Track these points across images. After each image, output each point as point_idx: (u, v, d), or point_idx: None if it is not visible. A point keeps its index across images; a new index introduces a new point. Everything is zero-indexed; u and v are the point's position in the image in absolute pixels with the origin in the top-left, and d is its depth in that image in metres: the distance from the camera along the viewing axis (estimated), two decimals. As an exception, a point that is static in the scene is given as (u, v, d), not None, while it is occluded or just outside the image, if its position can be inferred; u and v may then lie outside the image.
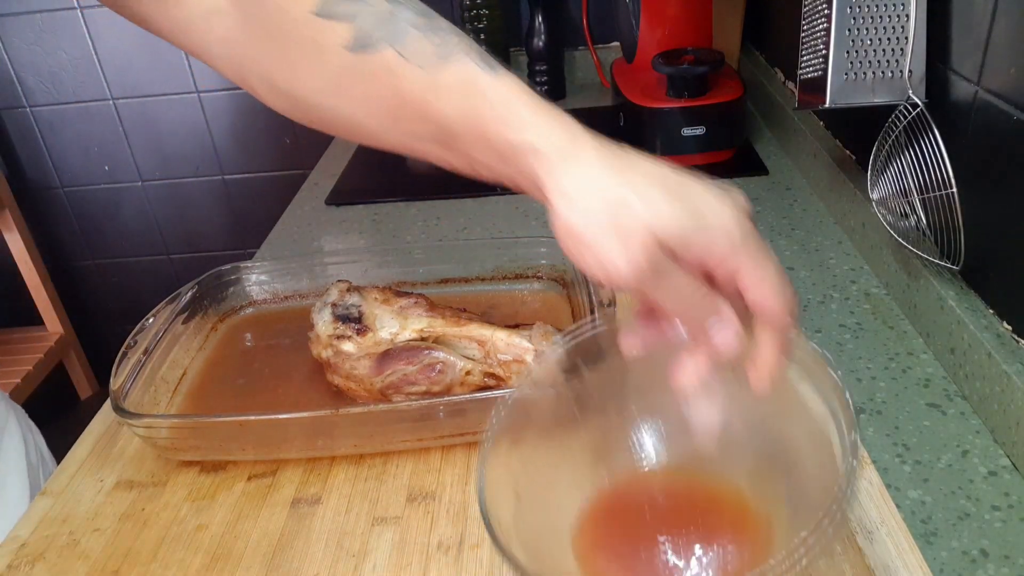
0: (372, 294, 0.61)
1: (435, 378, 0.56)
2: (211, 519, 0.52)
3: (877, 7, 0.63)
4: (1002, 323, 0.57)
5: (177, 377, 0.63)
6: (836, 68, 0.65)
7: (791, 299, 0.36)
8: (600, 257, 0.35)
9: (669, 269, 0.35)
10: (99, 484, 0.55)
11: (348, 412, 0.53)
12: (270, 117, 1.62)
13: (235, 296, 0.71)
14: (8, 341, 1.75)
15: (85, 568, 0.49)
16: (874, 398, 0.60)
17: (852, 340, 0.67)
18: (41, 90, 1.59)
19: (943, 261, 0.62)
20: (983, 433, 0.56)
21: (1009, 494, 0.51)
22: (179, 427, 0.55)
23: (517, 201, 0.98)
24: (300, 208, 1.04)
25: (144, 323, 0.62)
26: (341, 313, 0.60)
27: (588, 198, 0.35)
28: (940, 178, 0.59)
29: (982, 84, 0.58)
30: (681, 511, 0.43)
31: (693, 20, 1.09)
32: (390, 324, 0.59)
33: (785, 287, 0.36)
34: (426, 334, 0.59)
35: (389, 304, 0.60)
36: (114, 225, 1.75)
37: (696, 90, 0.99)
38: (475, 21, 1.29)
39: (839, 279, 0.76)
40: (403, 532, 0.50)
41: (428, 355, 0.57)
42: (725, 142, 1.02)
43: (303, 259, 0.72)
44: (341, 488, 0.53)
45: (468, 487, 0.52)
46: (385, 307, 0.60)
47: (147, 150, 1.66)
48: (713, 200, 0.36)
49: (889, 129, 0.65)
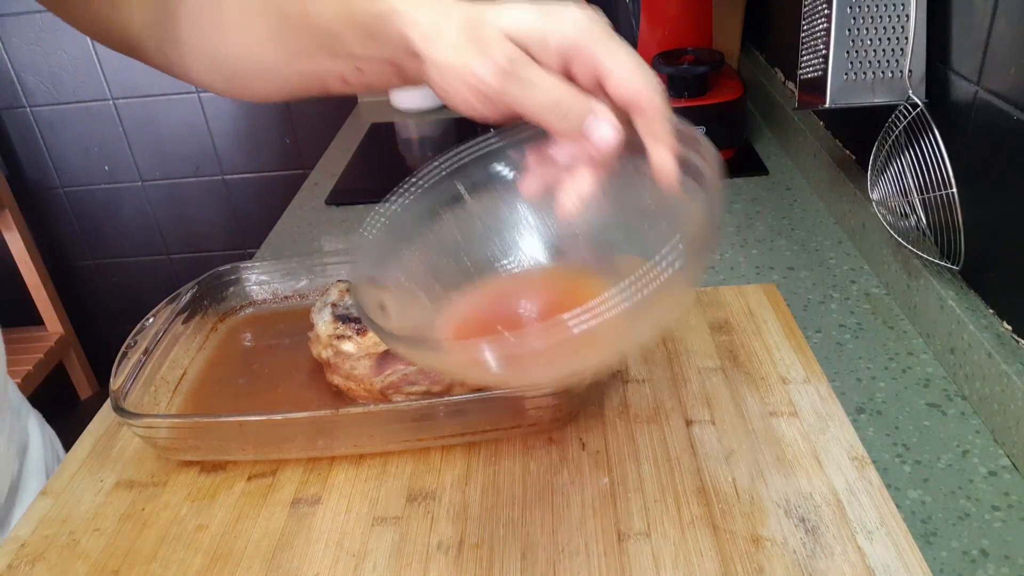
0: None
1: (435, 378, 0.56)
2: (211, 519, 0.52)
3: (877, 7, 0.63)
4: (1002, 323, 0.57)
5: (177, 377, 0.63)
6: (836, 68, 0.65)
7: (655, 81, 0.37)
8: (464, 75, 0.36)
9: (531, 68, 0.36)
10: (99, 484, 0.56)
11: (348, 412, 0.53)
12: (270, 117, 1.62)
13: (235, 296, 0.71)
14: (8, 341, 1.74)
15: (85, 568, 0.49)
16: (874, 398, 0.60)
17: (852, 340, 0.67)
18: (41, 90, 1.60)
19: (943, 261, 0.62)
20: (983, 433, 0.56)
21: (1009, 494, 0.51)
22: (179, 427, 0.55)
23: (517, 201, 0.98)
24: (300, 208, 1.04)
25: (144, 323, 0.62)
26: (341, 313, 0.60)
27: (449, 32, 0.37)
28: (940, 178, 0.59)
29: (982, 84, 0.58)
30: (544, 294, 0.45)
31: (693, 20, 1.09)
32: None
33: (646, 70, 0.37)
34: None
35: None
36: (114, 225, 1.75)
37: (696, 90, 0.99)
38: (475, 21, 1.29)
39: (839, 279, 0.76)
40: (403, 532, 0.50)
41: None
42: (725, 142, 1.02)
43: (303, 259, 0.72)
44: (341, 488, 0.53)
45: (468, 487, 0.52)
46: None
47: (147, 150, 1.66)
48: (562, 4, 0.38)
49: (889, 129, 0.65)
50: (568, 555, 0.47)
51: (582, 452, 0.54)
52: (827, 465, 0.51)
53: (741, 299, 0.69)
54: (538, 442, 0.55)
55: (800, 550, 0.45)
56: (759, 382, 0.59)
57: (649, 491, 0.50)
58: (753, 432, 0.54)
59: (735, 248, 0.83)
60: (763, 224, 0.88)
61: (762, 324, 0.65)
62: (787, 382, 0.59)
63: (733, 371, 0.60)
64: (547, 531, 0.48)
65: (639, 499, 0.50)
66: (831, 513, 0.48)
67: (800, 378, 0.59)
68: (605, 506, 0.50)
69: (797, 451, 0.52)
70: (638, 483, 0.51)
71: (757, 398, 0.57)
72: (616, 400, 0.59)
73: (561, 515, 0.49)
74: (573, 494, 0.51)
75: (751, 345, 0.63)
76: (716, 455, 0.53)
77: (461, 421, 0.54)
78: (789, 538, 0.46)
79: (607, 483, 0.51)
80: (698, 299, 0.69)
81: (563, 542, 0.48)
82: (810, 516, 0.48)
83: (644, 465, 0.52)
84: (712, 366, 0.61)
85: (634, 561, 0.46)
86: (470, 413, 0.54)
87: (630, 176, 0.39)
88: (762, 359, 0.61)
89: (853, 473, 0.50)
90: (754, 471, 0.51)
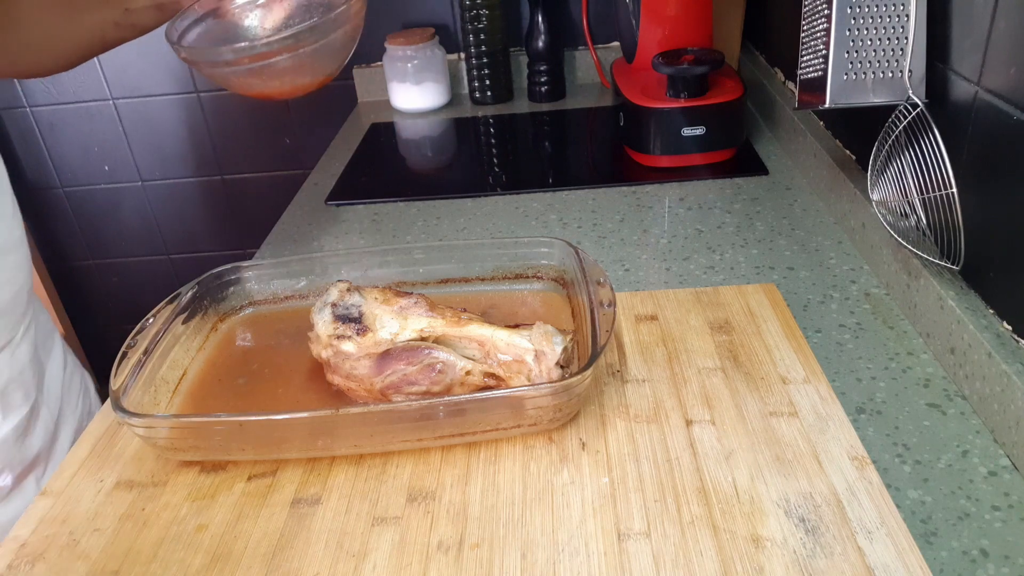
0: (372, 294, 0.61)
1: (435, 378, 0.56)
2: (211, 519, 0.52)
3: (877, 7, 0.63)
4: (1002, 323, 0.57)
5: (177, 377, 0.63)
6: (836, 68, 0.65)
7: None
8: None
9: None
10: (99, 484, 0.56)
11: (348, 412, 0.53)
12: (270, 117, 1.62)
13: (235, 296, 0.71)
14: (8, 341, 1.74)
15: (85, 568, 0.49)
16: (874, 398, 0.60)
17: (852, 340, 0.67)
18: (41, 90, 1.59)
19: (943, 261, 0.62)
20: (983, 433, 0.56)
21: (1009, 494, 0.51)
22: (179, 427, 0.55)
23: (517, 201, 0.98)
24: (300, 208, 1.04)
25: (144, 323, 0.62)
26: (341, 313, 0.60)
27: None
28: (940, 178, 0.59)
29: (982, 84, 0.58)
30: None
31: (693, 20, 1.09)
32: (390, 324, 0.59)
33: None
34: (426, 334, 0.59)
35: (389, 304, 0.60)
36: (114, 225, 1.75)
37: (696, 90, 0.99)
38: (475, 21, 1.29)
39: (839, 279, 0.76)
40: (403, 532, 0.50)
41: (428, 355, 0.57)
42: (725, 142, 1.03)
43: (303, 259, 0.72)
44: (341, 488, 0.53)
45: (468, 487, 0.52)
46: (385, 307, 0.60)
47: (147, 150, 1.66)
48: None
49: (889, 129, 0.65)
50: (568, 555, 0.47)
51: (582, 452, 0.54)
52: (827, 465, 0.51)
53: (741, 299, 0.69)
54: (538, 442, 0.56)
55: (800, 550, 0.45)
56: (759, 382, 0.59)
57: (649, 491, 0.50)
58: (753, 432, 0.54)
59: (735, 248, 0.83)
60: (763, 224, 0.88)
61: (762, 324, 0.65)
62: (787, 382, 0.59)
63: (733, 371, 0.60)
64: (547, 531, 0.48)
65: (639, 499, 0.50)
66: (831, 513, 0.48)
67: (800, 378, 0.59)
68: (605, 506, 0.50)
69: (797, 451, 0.52)
70: (638, 483, 0.51)
71: (757, 398, 0.57)
72: (616, 400, 0.59)
73: (561, 515, 0.49)
74: (573, 494, 0.51)
75: (751, 345, 0.63)
76: (716, 455, 0.53)
77: (461, 421, 0.54)
78: (789, 538, 0.46)
79: (607, 483, 0.51)
80: (698, 299, 0.69)
81: (563, 542, 0.48)
82: (810, 516, 0.48)
83: (644, 465, 0.53)
84: (712, 366, 0.61)
85: (634, 561, 0.46)
86: (470, 413, 0.54)
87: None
88: (762, 359, 0.61)
89: (853, 473, 0.50)
90: (754, 471, 0.51)
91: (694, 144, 1.01)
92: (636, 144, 1.05)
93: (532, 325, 0.58)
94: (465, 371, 0.57)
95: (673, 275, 0.79)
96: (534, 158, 1.17)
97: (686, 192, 0.97)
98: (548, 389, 0.53)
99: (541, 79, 1.35)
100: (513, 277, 0.71)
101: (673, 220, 0.90)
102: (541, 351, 0.55)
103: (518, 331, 0.57)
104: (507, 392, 0.53)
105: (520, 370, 0.56)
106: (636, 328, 0.66)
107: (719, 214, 0.90)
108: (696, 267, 0.80)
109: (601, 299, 0.59)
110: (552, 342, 0.55)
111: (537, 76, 1.35)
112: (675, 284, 0.78)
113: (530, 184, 1.03)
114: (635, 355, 0.63)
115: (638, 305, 0.69)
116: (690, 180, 0.99)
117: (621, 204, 0.96)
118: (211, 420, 0.55)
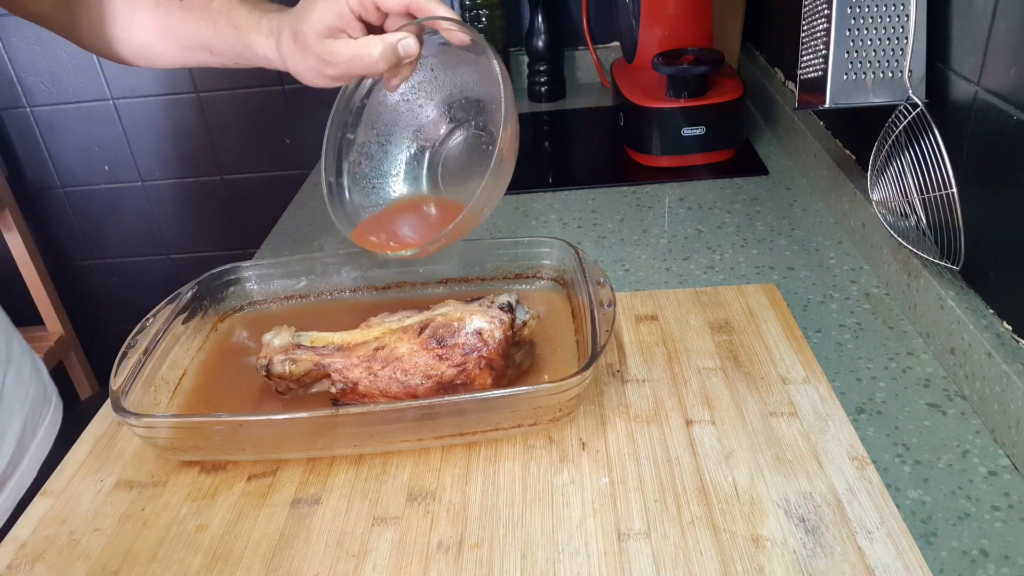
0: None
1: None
2: (211, 519, 0.52)
3: (877, 7, 0.63)
4: (1002, 323, 0.57)
5: (177, 377, 0.63)
6: (836, 68, 0.65)
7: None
8: (302, 73, 0.59)
9: (336, 46, 0.55)
10: (99, 484, 0.56)
11: (348, 412, 0.53)
12: (270, 117, 1.62)
13: (235, 296, 0.71)
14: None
15: (85, 568, 0.49)
16: (874, 398, 0.60)
17: (852, 340, 0.67)
18: (41, 90, 1.60)
19: (943, 261, 0.62)
20: (983, 433, 0.56)
21: (1009, 494, 0.51)
22: (179, 427, 0.55)
23: (517, 201, 0.98)
24: (300, 208, 1.04)
25: (144, 323, 0.62)
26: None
27: (285, 43, 0.58)
28: (940, 178, 0.59)
29: (982, 84, 0.58)
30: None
31: (693, 20, 1.09)
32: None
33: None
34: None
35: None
36: (114, 225, 1.75)
37: (696, 90, 0.99)
38: (475, 21, 1.29)
39: (839, 279, 0.76)
40: (403, 532, 0.50)
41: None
42: (725, 142, 1.03)
43: (303, 259, 0.72)
44: (341, 488, 0.53)
45: (468, 487, 0.52)
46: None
47: (147, 150, 1.66)
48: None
49: (889, 129, 0.65)
50: (568, 555, 0.47)
51: (582, 452, 0.54)
52: (827, 465, 0.51)
53: (741, 299, 0.69)
54: (538, 442, 0.56)
55: (800, 550, 0.45)
56: (759, 382, 0.59)
57: (649, 491, 0.50)
58: (753, 432, 0.54)
59: (735, 248, 0.83)
60: (763, 224, 0.88)
61: (762, 324, 0.65)
62: (787, 382, 0.59)
63: (733, 371, 0.60)
64: (547, 531, 0.48)
65: (639, 499, 0.50)
66: (831, 513, 0.48)
67: (800, 378, 0.59)
68: (605, 506, 0.50)
69: (797, 451, 0.52)
70: (638, 483, 0.51)
71: (757, 398, 0.57)
72: (616, 400, 0.59)
73: (561, 515, 0.49)
74: (573, 494, 0.51)
75: (751, 345, 0.63)
76: (716, 455, 0.53)
77: (461, 421, 0.54)
78: (789, 538, 0.46)
79: (607, 483, 0.51)
80: (698, 299, 0.69)
81: (563, 542, 0.48)
82: (810, 516, 0.48)
83: (644, 465, 0.52)
84: (712, 366, 0.61)
85: (634, 561, 0.46)
86: (470, 413, 0.54)
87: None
88: (762, 359, 0.61)
89: (853, 473, 0.50)
90: (754, 471, 0.51)
91: (694, 144, 1.01)
92: (636, 144, 1.05)
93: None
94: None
95: (673, 275, 0.79)
96: (534, 158, 1.17)
97: (686, 192, 0.97)
98: (548, 389, 0.53)
99: (541, 79, 1.35)
100: (513, 277, 0.71)
101: (673, 220, 0.90)
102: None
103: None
104: (507, 392, 0.53)
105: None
106: (636, 328, 0.66)
107: (719, 214, 0.90)
108: (696, 267, 0.80)
109: (601, 299, 0.59)
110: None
111: (537, 76, 1.35)
112: (675, 284, 0.78)
113: (530, 184, 1.03)
114: (635, 355, 0.63)
115: (638, 305, 0.69)
116: (690, 180, 0.99)
117: (621, 204, 0.96)
118: (211, 420, 0.55)
